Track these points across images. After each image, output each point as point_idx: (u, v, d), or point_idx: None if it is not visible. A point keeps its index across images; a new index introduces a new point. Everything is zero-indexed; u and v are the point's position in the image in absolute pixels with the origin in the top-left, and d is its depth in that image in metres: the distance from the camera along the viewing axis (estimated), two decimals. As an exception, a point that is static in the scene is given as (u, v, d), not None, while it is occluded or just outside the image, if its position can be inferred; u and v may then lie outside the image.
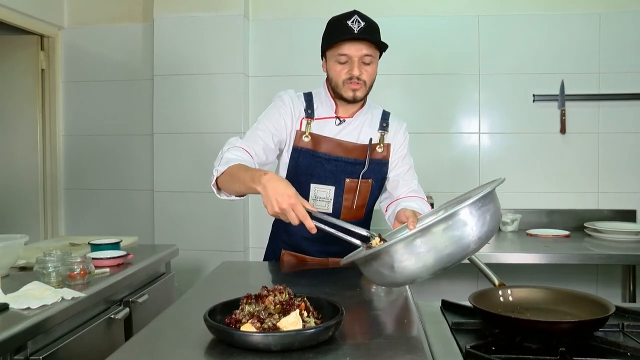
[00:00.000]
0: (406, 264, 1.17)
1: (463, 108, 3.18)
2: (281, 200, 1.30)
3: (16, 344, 1.27)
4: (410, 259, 1.16)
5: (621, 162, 3.09)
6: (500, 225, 3.07)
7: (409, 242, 1.16)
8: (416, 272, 1.18)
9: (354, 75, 1.65)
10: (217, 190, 1.59)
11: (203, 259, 3.09)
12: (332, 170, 1.73)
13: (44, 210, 3.31)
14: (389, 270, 1.19)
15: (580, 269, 2.96)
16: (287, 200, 1.30)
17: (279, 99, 1.78)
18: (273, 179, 1.35)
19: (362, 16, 1.65)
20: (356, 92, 1.68)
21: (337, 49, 1.65)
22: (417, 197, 1.77)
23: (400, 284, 1.33)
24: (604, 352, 1.06)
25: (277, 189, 1.32)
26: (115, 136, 3.37)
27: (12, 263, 1.77)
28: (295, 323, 1.01)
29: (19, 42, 3.25)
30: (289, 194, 1.31)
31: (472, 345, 1.07)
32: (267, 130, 1.71)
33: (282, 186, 1.33)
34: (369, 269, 1.27)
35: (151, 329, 1.15)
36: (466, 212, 1.17)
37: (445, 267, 1.19)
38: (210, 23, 3.11)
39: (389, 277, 1.22)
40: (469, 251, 1.19)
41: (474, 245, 1.19)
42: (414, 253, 1.16)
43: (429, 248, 1.16)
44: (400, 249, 1.17)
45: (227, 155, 1.57)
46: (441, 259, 1.17)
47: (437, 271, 1.19)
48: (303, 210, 1.30)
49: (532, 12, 3.11)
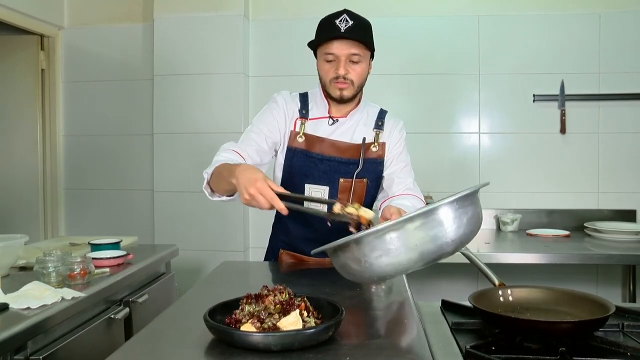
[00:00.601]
0: (374, 260, 1.13)
1: (463, 108, 3.18)
2: (248, 185, 1.31)
3: (16, 344, 1.27)
4: (379, 253, 1.12)
5: (621, 162, 3.09)
6: (500, 225, 3.08)
7: (379, 235, 1.12)
8: (384, 269, 1.14)
9: (339, 74, 1.64)
10: (209, 193, 1.60)
11: (203, 259, 3.09)
12: (325, 170, 1.73)
13: (44, 210, 3.32)
14: (356, 263, 1.16)
15: (580, 269, 2.97)
16: (254, 184, 1.30)
17: (273, 100, 1.78)
18: (244, 168, 1.37)
19: (352, 15, 1.64)
20: (343, 91, 1.67)
21: (324, 48, 1.65)
22: (412, 195, 1.75)
23: (367, 281, 1.30)
24: (604, 352, 1.06)
25: (245, 176, 1.33)
26: (115, 136, 3.37)
27: (12, 263, 1.77)
28: (295, 323, 1.01)
29: (19, 42, 3.25)
30: (255, 178, 1.31)
31: (472, 345, 1.07)
32: (260, 133, 1.72)
33: (250, 172, 1.35)
34: (337, 260, 1.23)
35: (151, 329, 1.15)
36: (443, 211, 1.13)
37: (417, 267, 1.16)
38: (210, 23, 3.11)
39: (356, 270, 1.18)
40: (442, 252, 1.15)
41: (448, 247, 1.14)
42: (384, 249, 1.12)
43: (400, 244, 1.11)
44: (370, 241, 1.13)
45: (216, 158, 1.60)
46: (412, 258, 1.13)
47: (407, 270, 1.16)
48: (270, 192, 1.30)
49: (532, 12, 3.11)
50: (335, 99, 1.71)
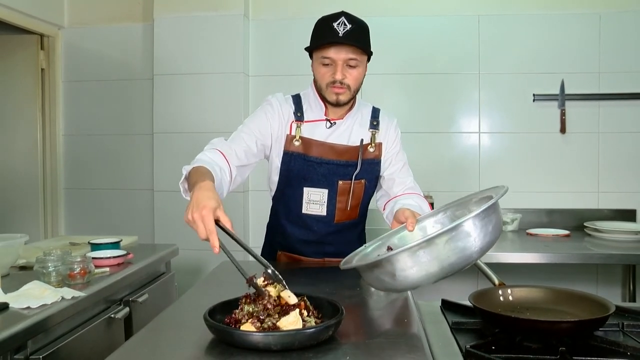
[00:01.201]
0: (408, 273, 1.18)
1: (463, 108, 3.18)
2: (195, 209, 1.19)
3: (16, 344, 1.27)
4: (412, 268, 1.17)
5: (621, 161, 3.09)
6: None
7: (412, 252, 1.16)
8: (417, 280, 1.19)
9: (337, 79, 1.62)
10: (184, 190, 1.49)
11: (203, 259, 3.08)
12: (324, 173, 1.72)
13: (44, 209, 3.31)
14: (390, 277, 1.20)
15: (580, 268, 2.97)
16: (200, 210, 1.18)
17: (267, 103, 1.76)
18: (203, 188, 1.26)
19: (350, 18, 1.61)
20: (339, 96, 1.65)
21: (321, 52, 1.62)
22: (414, 194, 1.77)
23: (399, 291, 1.34)
24: (604, 352, 1.06)
25: (198, 198, 1.22)
26: (115, 136, 3.37)
27: (12, 262, 1.77)
28: (295, 322, 1.01)
29: (19, 41, 3.25)
30: (204, 205, 1.19)
31: (472, 345, 1.07)
32: (251, 134, 1.69)
33: (205, 197, 1.22)
34: (369, 275, 1.27)
35: (151, 329, 1.15)
36: (470, 224, 1.17)
37: (446, 276, 1.20)
38: (211, 23, 3.11)
39: (390, 284, 1.23)
40: (470, 260, 1.20)
41: (476, 255, 1.20)
42: (417, 263, 1.16)
43: (432, 258, 1.16)
44: (403, 258, 1.17)
45: (200, 155, 1.56)
46: (443, 268, 1.18)
47: (437, 280, 1.20)
48: (211, 226, 1.17)
49: (532, 12, 3.11)
50: (331, 103, 1.69)
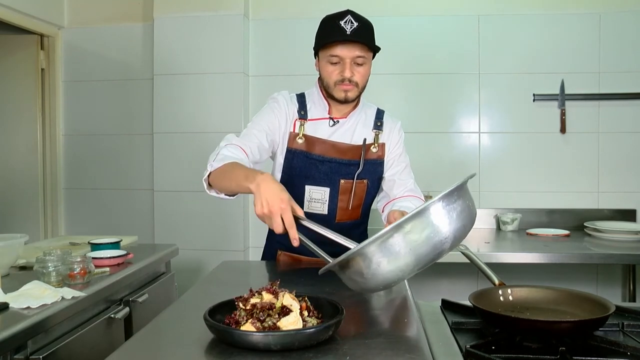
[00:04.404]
0: (376, 269, 1.14)
1: (463, 108, 3.18)
2: (272, 202, 1.24)
3: (16, 344, 1.27)
4: (380, 263, 1.13)
5: (621, 161, 3.09)
6: (500, 224, 3.08)
7: (377, 244, 1.13)
8: (388, 275, 1.15)
9: (345, 77, 1.63)
10: (207, 186, 1.55)
11: (203, 259, 3.09)
12: (326, 171, 1.72)
13: (44, 209, 3.31)
14: (359, 276, 1.17)
15: (580, 268, 2.97)
16: (279, 203, 1.23)
17: (273, 100, 1.76)
18: (269, 179, 1.30)
19: (356, 16, 1.62)
20: (348, 93, 1.66)
21: (329, 50, 1.63)
22: (414, 196, 1.76)
23: (373, 290, 1.30)
24: (604, 352, 1.06)
25: (271, 190, 1.26)
26: (115, 136, 3.37)
27: (12, 262, 1.77)
28: (295, 322, 1.01)
29: (19, 41, 3.25)
30: (281, 198, 1.24)
31: (472, 345, 1.07)
32: (262, 130, 1.70)
33: (278, 189, 1.27)
34: (343, 276, 1.25)
35: (151, 329, 1.15)
36: (429, 212, 1.14)
37: (418, 270, 1.17)
38: (210, 23, 3.11)
39: (361, 283, 1.20)
40: (439, 252, 1.15)
41: (443, 245, 1.15)
42: (385, 256, 1.12)
43: (397, 250, 1.12)
44: (369, 253, 1.13)
45: (223, 151, 1.55)
46: (408, 262, 1.13)
47: (409, 274, 1.17)
48: (291, 219, 1.23)
49: (532, 12, 3.11)
50: (338, 101, 1.70)
